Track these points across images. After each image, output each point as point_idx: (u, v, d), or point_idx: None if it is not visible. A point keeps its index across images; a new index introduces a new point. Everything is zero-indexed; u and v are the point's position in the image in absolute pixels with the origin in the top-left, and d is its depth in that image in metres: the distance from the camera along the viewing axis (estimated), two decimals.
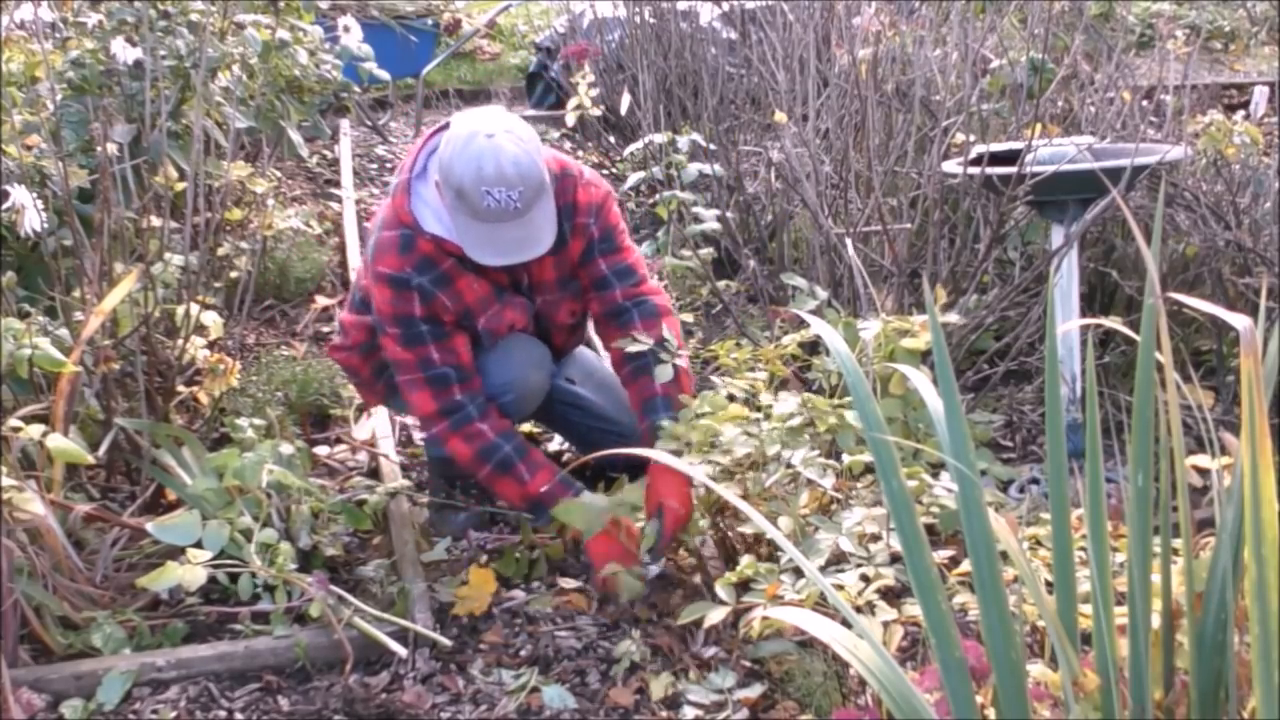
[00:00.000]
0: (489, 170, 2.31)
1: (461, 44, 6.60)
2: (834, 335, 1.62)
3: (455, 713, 2.18)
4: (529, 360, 2.65)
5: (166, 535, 2.33)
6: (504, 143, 2.34)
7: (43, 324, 2.49)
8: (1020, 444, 3.09)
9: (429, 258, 2.47)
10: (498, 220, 2.35)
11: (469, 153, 2.33)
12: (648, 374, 2.57)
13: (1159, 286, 1.30)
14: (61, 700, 2.15)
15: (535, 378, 2.66)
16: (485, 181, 2.31)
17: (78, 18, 3.52)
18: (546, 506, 2.53)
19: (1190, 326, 3.29)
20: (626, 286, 2.65)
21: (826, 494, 2.26)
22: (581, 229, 2.59)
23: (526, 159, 2.35)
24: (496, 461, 2.53)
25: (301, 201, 4.66)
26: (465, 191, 2.33)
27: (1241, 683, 1.35)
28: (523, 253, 2.42)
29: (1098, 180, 2.68)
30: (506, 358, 2.61)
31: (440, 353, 2.51)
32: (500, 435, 2.53)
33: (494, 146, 2.33)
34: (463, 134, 2.37)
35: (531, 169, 2.36)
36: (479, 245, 2.40)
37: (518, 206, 2.34)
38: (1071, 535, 1.43)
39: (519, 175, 2.33)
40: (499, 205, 2.33)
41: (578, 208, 2.57)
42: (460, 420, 2.52)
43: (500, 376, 2.59)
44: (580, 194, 2.57)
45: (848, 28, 3.96)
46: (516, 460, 2.53)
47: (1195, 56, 4.52)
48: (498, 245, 2.39)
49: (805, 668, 2.12)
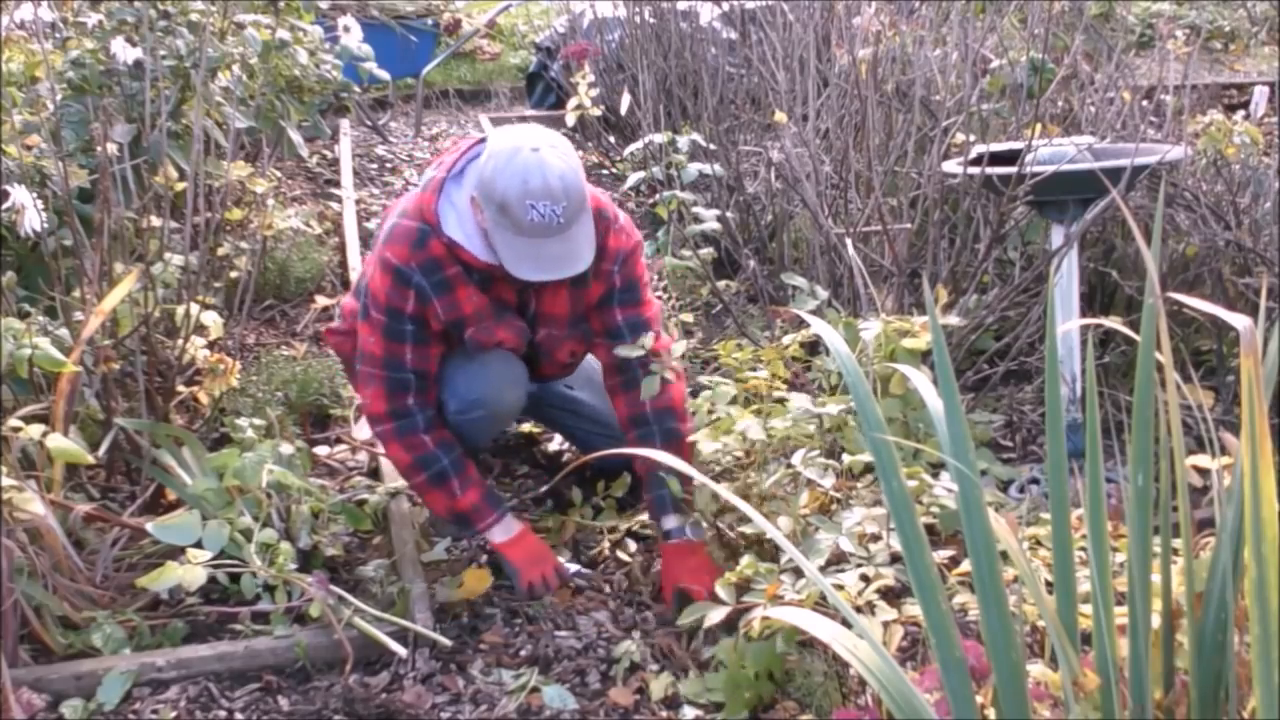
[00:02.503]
0: (535, 184, 2.27)
1: (461, 44, 6.60)
2: (834, 335, 1.62)
3: (455, 713, 2.18)
4: (506, 378, 2.58)
5: (166, 535, 2.33)
6: (549, 157, 2.30)
7: (43, 324, 2.49)
8: (1020, 444, 3.09)
9: (437, 260, 2.44)
10: (541, 235, 2.30)
11: (514, 166, 2.29)
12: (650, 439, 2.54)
13: (1159, 286, 1.30)
14: (61, 700, 2.15)
15: (510, 396, 2.60)
16: (531, 195, 2.27)
17: (78, 18, 3.53)
18: (472, 522, 2.54)
19: (1190, 326, 3.29)
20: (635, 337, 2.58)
21: (826, 494, 2.26)
22: (605, 275, 2.54)
23: (571, 174, 2.32)
24: (433, 473, 2.51)
25: (301, 201, 4.66)
26: (509, 205, 2.29)
27: (1241, 683, 1.35)
28: (563, 269, 2.36)
29: (1098, 180, 2.68)
30: (484, 371, 2.55)
31: (413, 356, 2.48)
32: (440, 446, 2.51)
33: (540, 161, 2.29)
34: (506, 148, 2.32)
35: (575, 184, 2.32)
36: (520, 260, 2.34)
37: (561, 221, 2.30)
38: (1071, 535, 1.43)
39: (564, 190, 2.29)
40: (543, 220, 2.28)
41: (605, 253, 2.51)
42: (406, 428, 2.50)
43: (474, 391, 2.54)
44: (611, 240, 2.52)
45: (848, 28, 3.96)
46: (452, 475, 2.51)
47: (1195, 56, 4.52)
48: (539, 261, 2.34)
49: (805, 668, 2.12)
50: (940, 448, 1.44)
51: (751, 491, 2.30)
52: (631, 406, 2.56)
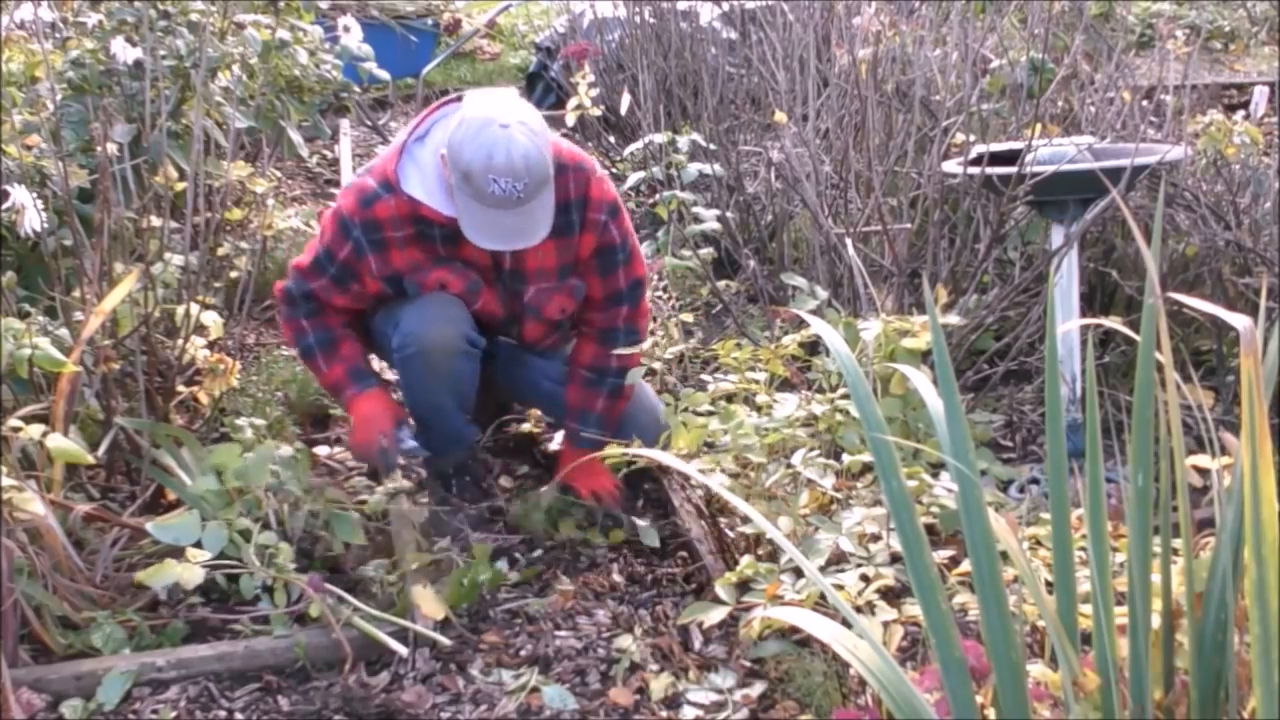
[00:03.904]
0: (499, 160, 2.39)
1: (461, 44, 6.60)
2: (834, 335, 1.62)
3: (455, 713, 2.18)
4: (440, 316, 2.66)
5: (166, 535, 2.33)
6: (517, 134, 2.42)
7: (43, 324, 2.49)
8: (1020, 444, 3.09)
9: (378, 221, 2.59)
10: (499, 207, 2.43)
11: (481, 139, 2.41)
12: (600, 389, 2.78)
13: (1159, 286, 1.30)
14: (61, 700, 2.15)
15: (441, 333, 2.65)
16: (494, 170, 2.39)
17: (78, 18, 3.52)
18: (338, 396, 2.80)
19: (1190, 326, 3.29)
20: (631, 307, 2.79)
21: (826, 494, 2.26)
22: (594, 224, 2.66)
23: (536, 153, 2.43)
24: (302, 347, 2.79)
25: (301, 201, 4.66)
26: (472, 176, 2.41)
27: (1241, 683, 1.35)
28: (517, 240, 2.51)
29: (1098, 180, 2.68)
30: (419, 308, 2.66)
31: (322, 287, 2.70)
32: (313, 328, 2.75)
33: (507, 138, 2.41)
34: (478, 118, 2.45)
35: (539, 163, 2.43)
36: (476, 228, 2.48)
37: (520, 197, 2.42)
38: (1071, 535, 1.43)
39: (526, 168, 2.41)
40: (503, 194, 2.41)
41: (590, 202, 2.64)
42: (289, 314, 2.79)
43: (407, 326, 2.65)
44: (594, 189, 2.64)
45: (848, 28, 3.96)
46: (317, 351, 2.76)
47: (1195, 56, 4.52)
48: (495, 231, 2.48)
49: (805, 668, 2.12)
50: (940, 448, 1.44)
51: (751, 491, 2.30)
52: (597, 358, 2.78)
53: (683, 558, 2.64)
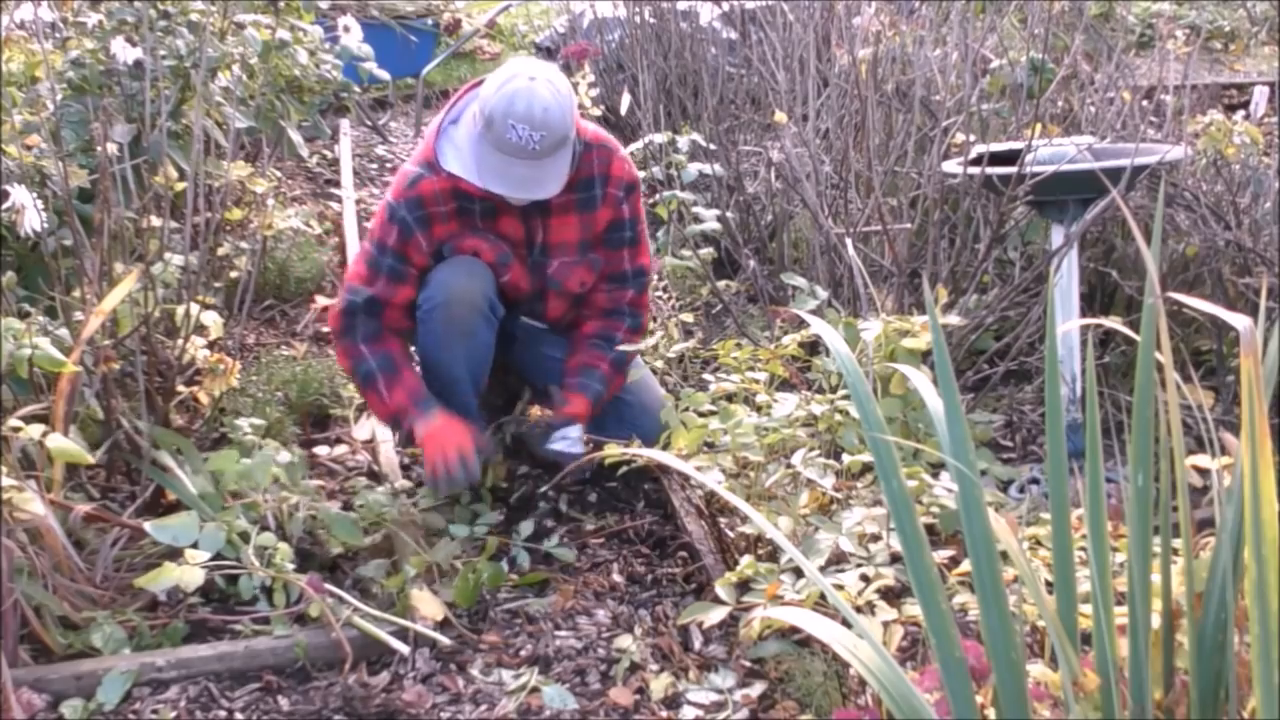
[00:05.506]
0: (520, 107, 2.48)
1: (461, 44, 6.60)
2: (834, 335, 1.61)
3: (455, 713, 2.18)
4: (463, 270, 2.72)
5: (164, 536, 2.33)
6: (540, 89, 2.51)
7: (43, 324, 2.49)
8: (1020, 444, 3.09)
9: (422, 197, 2.67)
10: (514, 155, 2.51)
11: (507, 87, 2.51)
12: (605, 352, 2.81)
13: (1159, 286, 1.30)
14: (61, 700, 2.15)
15: (465, 287, 2.70)
16: (514, 116, 2.48)
17: (78, 18, 3.52)
18: (401, 423, 2.77)
19: (1190, 326, 3.29)
20: (636, 292, 2.87)
21: (826, 494, 2.26)
22: (612, 200, 2.76)
23: (557, 109, 2.51)
24: (362, 374, 2.76)
25: (301, 201, 4.66)
26: (494, 121, 2.50)
27: (1241, 683, 1.35)
28: (527, 191, 2.57)
29: (1098, 180, 2.68)
30: (446, 267, 2.72)
31: (383, 286, 2.71)
32: (372, 353, 2.74)
33: (530, 89, 2.50)
34: (509, 72, 2.55)
35: (560, 120, 2.51)
36: (489, 173, 2.56)
37: (536, 149, 2.50)
38: (1071, 535, 1.43)
39: (544, 120, 2.49)
40: (519, 142, 2.49)
41: (611, 178, 2.75)
42: (345, 335, 2.76)
43: (433, 282, 2.71)
44: (616, 166, 2.76)
45: (848, 28, 3.96)
46: (378, 376, 2.74)
47: (1195, 56, 4.52)
48: (505, 177, 2.55)
49: (805, 668, 2.12)
50: (940, 448, 1.44)
51: (751, 491, 2.30)
52: (603, 328, 2.85)
53: (683, 558, 2.64)
